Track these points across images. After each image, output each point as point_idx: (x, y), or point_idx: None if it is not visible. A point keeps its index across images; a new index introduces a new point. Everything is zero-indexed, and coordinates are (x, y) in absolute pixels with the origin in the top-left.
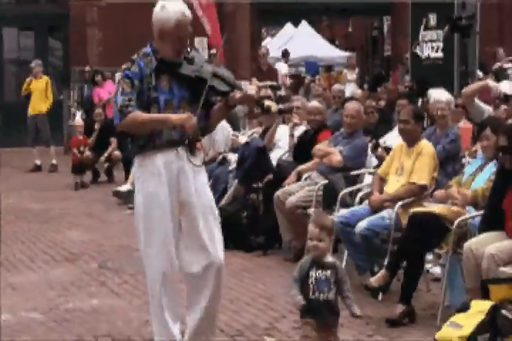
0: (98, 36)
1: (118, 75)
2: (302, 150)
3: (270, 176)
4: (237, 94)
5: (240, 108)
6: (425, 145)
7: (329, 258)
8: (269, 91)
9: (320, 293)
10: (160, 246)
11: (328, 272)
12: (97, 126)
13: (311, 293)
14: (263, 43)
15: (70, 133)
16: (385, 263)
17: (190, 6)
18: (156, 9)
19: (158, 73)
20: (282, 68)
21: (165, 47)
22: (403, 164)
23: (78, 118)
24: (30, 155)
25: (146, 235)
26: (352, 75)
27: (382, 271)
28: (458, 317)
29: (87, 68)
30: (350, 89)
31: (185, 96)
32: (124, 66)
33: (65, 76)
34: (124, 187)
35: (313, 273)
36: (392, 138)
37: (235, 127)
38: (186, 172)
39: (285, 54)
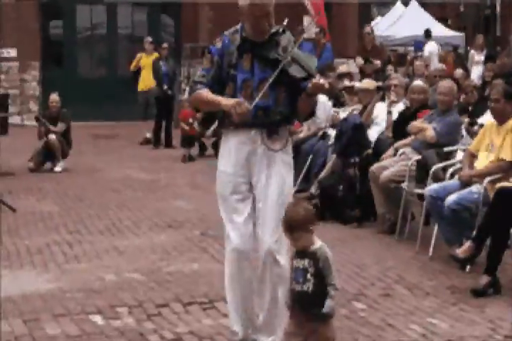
0: (209, 14)
1: None
2: (401, 127)
3: (369, 151)
4: (309, 84)
5: None
6: None
7: (315, 246)
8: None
9: (296, 283)
10: (228, 223)
11: (306, 262)
12: None
13: (290, 284)
14: (373, 22)
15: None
16: (473, 235)
17: None
18: None
19: (242, 51)
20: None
21: (247, 26)
22: (493, 141)
23: (187, 93)
24: (142, 129)
25: (221, 211)
26: (479, 56)
27: (469, 243)
28: None
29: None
30: (477, 71)
31: (265, 77)
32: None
33: (177, 52)
34: None
35: (294, 262)
36: (487, 117)
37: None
38: (259, 156)
39: (427, 33)
